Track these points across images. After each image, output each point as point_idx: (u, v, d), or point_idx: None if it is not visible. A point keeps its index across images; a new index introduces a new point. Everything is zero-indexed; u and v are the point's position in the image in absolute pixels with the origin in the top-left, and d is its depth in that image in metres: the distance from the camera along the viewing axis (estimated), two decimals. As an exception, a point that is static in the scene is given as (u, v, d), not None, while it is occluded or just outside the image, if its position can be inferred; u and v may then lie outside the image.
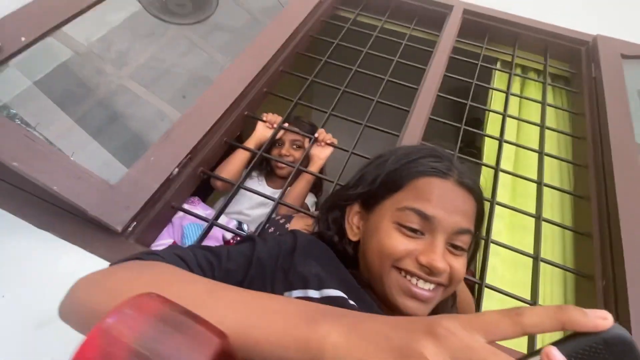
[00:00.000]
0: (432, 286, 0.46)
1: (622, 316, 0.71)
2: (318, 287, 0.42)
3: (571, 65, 1.33)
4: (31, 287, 0.71)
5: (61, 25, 0.82)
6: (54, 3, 0.85)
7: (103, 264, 0.74)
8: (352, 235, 0.55)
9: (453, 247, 0.48)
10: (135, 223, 0.76)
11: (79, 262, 0.73)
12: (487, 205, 0.93)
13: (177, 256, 0.39)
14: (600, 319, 0.20)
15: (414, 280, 0.46)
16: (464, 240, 0.49)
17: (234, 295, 0.29)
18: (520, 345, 0.77)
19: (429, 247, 0.46)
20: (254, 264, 0.44)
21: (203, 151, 0.93)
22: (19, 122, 0.79)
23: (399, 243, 0.47)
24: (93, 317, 0.32)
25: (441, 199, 0.48)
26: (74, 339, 0.64)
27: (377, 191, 0.53)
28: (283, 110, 1.16)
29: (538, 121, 1.14)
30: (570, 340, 0.20)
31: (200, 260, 0.41)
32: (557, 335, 0.22)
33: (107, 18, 0.99)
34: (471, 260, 0.57)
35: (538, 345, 0.74)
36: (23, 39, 0.79)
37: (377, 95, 1.14)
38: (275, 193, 1.16)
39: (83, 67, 0.88)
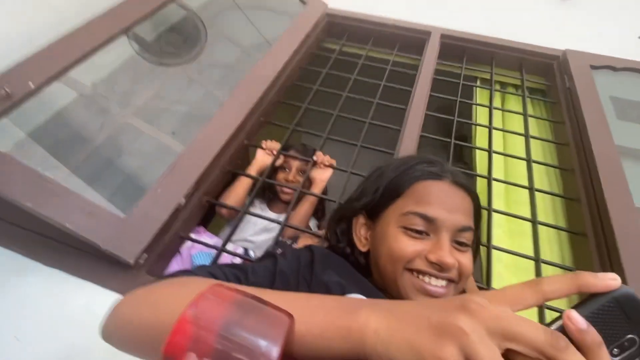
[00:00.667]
0: (444, 282, 0.49)
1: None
2: (341, 293, 0.44)
3: (546, 79, 1.42)
4: (44, 327, 0.70)
5: (68, 69, 0.87)
6: (60, 50, 0.90)
7: (115, 297, 0.74)
8: (361, 246, 0.57)
9: (458, 244, 0.51)
10: (146, 255, 0.78)
11: (90, 298, 0.74)
12: (484, 213, 0.98)
13: (208, 272, 0.41)
14: (611, 280, 0.23)
15: (426, 279, 0.48)
16: (466, 237, 0.52)
17: (275, 296, 0.31)
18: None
19: (436, 246, 0.49)
20: (278, 277, 0.46)
21: (207, 181, 0.95)
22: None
23: (407, 245, 0.49)
24: (141, 330, 0.34)
25: (440, 200, 0.51)
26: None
27: (380, 200, 0.56)
28: (281, 137, 1.20)
29: (521, 132, 1.21)
30: (586, 302, 0.23)
31: (228, 276, 0.43)
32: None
33: (105, 61, 1.04)
34: (475, 256, 0.59)
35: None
36: (31, 84, 0.82)
37: (368, 117, 1.19)
38: (279, 217, 1.18)
39: (88, 108, 0.92)
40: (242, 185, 1.10)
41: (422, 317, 0.25)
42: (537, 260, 0.87)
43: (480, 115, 1.32)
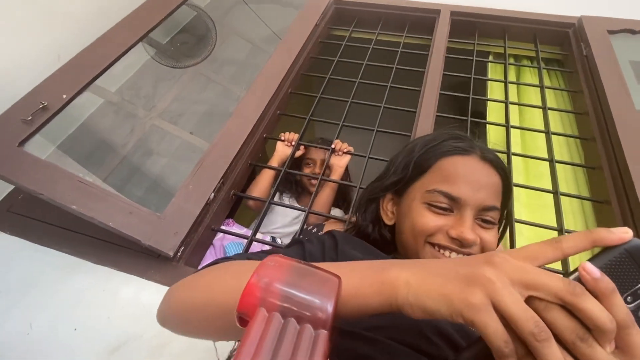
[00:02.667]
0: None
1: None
2: None
3: (562, 48, 1.39)
4: (99, 317, 0.77)
5: (95, 79, 0.92)
6: (85, 61, 0.95)
7: (159, 288, 0.80)
8: (387, 220, 0.60)
9: (483, 222, 0.52)
10: (183, 247, 0.83)
11: (137, 289, 0.80)
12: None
13: (247, 258, 0.45)
14: (624, 233, 0.25)
15: (447, 253, 0.50)
16: (492, 215, 0.52)
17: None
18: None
19: (458, 222, 0.50)
20: (308, 258, 0.49)
21: (232, 175, 1.00)
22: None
23: (430, 220, 0.51)
24: (195, 310, 0.38)
25: (466, 177, 0.52)
26: (143, 357, 0.69)
27: (408, 177, 0.57)
28: (297, 129, 1.23)
29: (539, 104, 1.20)
30: (600, 255, 0.25)
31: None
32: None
33: (124, 67, 1.09)
34: (502, 235, 0.60)
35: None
36: (64, 96, 0.88)
37: (383, 102, 1.21)
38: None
39: (117, 113, 0.97)
40: (265, 178, 1.14)
41: (450, 270, 0.27)
42: (560, 230, 0.88)
43: (495, 90, 1.31)
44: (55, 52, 0.97)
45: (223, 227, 0.97)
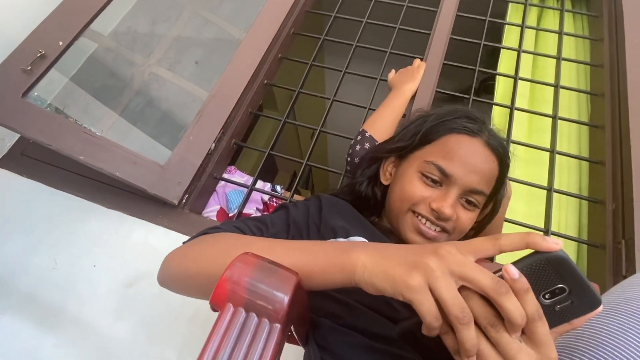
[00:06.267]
0: (437, 228, 0.54)
1: (627, 234, 0.79)
2: (345, 236, 0.52)
3: (591, -14, 1.26)
4: (114, 256, 0.86)
5: (89, 23, 0.89)
6: (77, 4, 0.91)
7: (166, 232, 0.88)
8: (384, 180, 0.64)
9: (466, 202, 0.55)
10: (187, 195, 0.89)
11: (147, 233, 0.88)
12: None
13: (235, 227, 0.50)
14: (553, 244, 0.28)
15: (423, 221, 0.55)
16: (477, 199, 0.55)
17: (286, 245, 0.39)
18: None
19: (441, 196, 0.54)
20: (292, 225, 0.54)
21: (233, 125, 1.01)
22: (72, 119, 0.90)
23: (418, 189, 0.55)
24: (186, 280, 0.44)
25: (464, 158, 0.54)
26: (156, 293, 0.79)
27: (414, 144, 0.60)
28: (299, 74, 1.20)
29: (555, 53, 1.14)
30: (526, 258, 0.29)
31: (252, 228, 0.52)
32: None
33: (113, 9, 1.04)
34: (488, 221, 0.63)
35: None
36: (61, 42, 0.87)
37: (389, 47, 1.15)
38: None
39: (113, 60, 0.96)
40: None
41: (401, 256, 0.32)
42: (549, 189, 0.91)
43: (511, 36, 1.23)
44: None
45: (225, 175, 1.02)
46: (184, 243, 0.50)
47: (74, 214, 0.90)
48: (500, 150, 0.57)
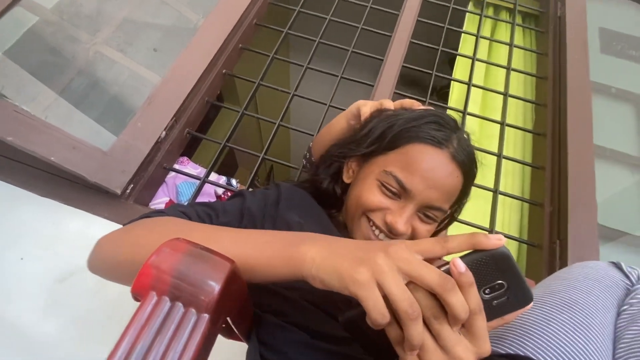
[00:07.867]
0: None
1: (562, 234, 0.84)
2: (300, 231, 0.50)
3: (541, 4, 1.35)
4: (46, 249, 0.79)
5: (26, -7, 0.81)
6: (14, -32, 0.83)
7: (107, 224, 0.81)
8: (347, 178, 0.61)
9: (424, 215, 0.53)
10: (132, 185, 0.83)
11: (85, 224, 0.81)
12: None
13: (181, 212, 0.47)
14: (497, 240, 0.29)
15: (376, 232, 0.53)
16: (435, 214, 0.53)
17: (231, 234, 0.37)
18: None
19: (398, 211, 0.52)
20: (246, 215, 0.52)
21: (187, 113, 0.97)
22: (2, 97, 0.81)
23: (375, 198, 0.53)
24: (119, 266, 0.40)
25: (425, 172, 0.51)
26: (91, 288, 0.73)
27: (379, 147, 0.56)
28: (260, 66, 1.18)
29: (506, 63, 1.20)
30: (471, 254, 0.30)
31: (200, 214, 0.49)
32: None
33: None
34: (440, 230, 0.63)
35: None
36: (-9, 10, 0.78)
37: (351, 46, 1.16)
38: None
39: (54, 35, 0.88)
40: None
41: (350, 251, 0.31)
42: (495, 191, 0.95)
43: (467, 44, 1.29)
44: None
45: (176, 166, 0.97)
46: (123, 226, 0.46)
47: (1, 202, 0.81)
48: (467, 163, 0.54)
